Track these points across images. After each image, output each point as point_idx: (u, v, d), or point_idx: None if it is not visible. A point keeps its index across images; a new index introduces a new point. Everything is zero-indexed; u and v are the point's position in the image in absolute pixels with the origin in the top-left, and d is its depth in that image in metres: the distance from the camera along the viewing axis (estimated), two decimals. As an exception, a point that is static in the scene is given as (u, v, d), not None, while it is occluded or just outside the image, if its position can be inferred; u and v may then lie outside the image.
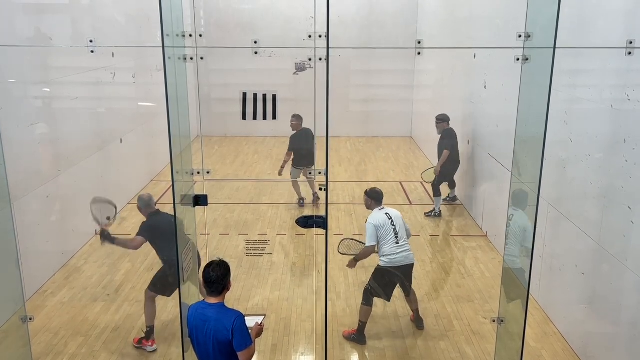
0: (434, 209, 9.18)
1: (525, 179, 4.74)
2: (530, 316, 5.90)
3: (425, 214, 9.11)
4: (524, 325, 4.71)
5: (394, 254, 5.81)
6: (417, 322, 6.13)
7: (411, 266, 5.96)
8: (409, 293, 6.09)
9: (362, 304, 5.88)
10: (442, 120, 9.16)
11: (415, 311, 6.16)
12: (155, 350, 5.65)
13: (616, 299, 5.03)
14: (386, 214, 5.89)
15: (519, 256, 4.92)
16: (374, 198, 6.02)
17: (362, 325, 5.88)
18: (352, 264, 6.03)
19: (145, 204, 5.91)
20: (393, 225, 5.83)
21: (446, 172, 9.22)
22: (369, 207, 6.04)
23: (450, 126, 9.14)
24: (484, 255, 7.82)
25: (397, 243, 5.81)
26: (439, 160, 9.19)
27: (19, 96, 6.67)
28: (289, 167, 9.26)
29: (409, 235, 6.03)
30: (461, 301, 6.67)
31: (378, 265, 5.89)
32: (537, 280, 6.42)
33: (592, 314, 5.50)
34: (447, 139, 9.06)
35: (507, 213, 5.05)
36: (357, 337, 5.88)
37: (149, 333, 5.72)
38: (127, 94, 9.90)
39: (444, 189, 9.38)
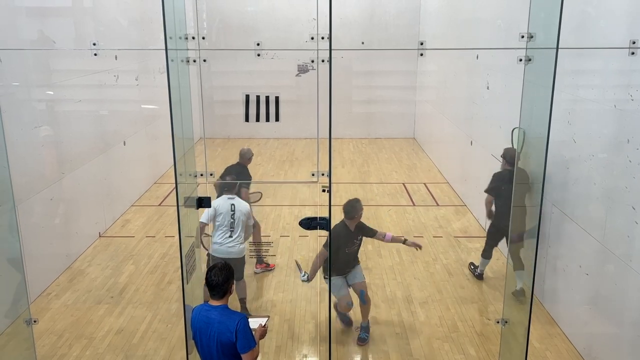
0: (478, 267, 7.29)
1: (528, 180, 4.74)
2: (534, 317, 5.90)
3: (470, 264, 7.44)
4: (528, 326, 4.70)
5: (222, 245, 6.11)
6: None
7: (239, 260, 6.18)
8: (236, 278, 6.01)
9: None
10: (503, 155, 6.87)
11: (241, 301, 6.28)
12: None
13: (620, 299, 5.02)
14: (232, 204, 6.13)
15: None
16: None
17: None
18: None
19: None
20: (232, 217, 6.09)
21: (500, 224, 6.84)
22: None
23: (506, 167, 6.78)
24: (488, 256, 7.80)
25: (230, 236, 6.09)
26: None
27: (23, 99, 6.69)
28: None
29: (249, 234, 6.41)
30: (465, 302, 6.65)
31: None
32: (541, 281, 6.41)
33: (596, 314, 5.48)
34: (499, 179, 6.83)
35: (510, 213, 5.04)
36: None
37: None
38: (130, 96, 9.93)
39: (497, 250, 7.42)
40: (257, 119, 5.29)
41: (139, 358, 5.66)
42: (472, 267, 7.40)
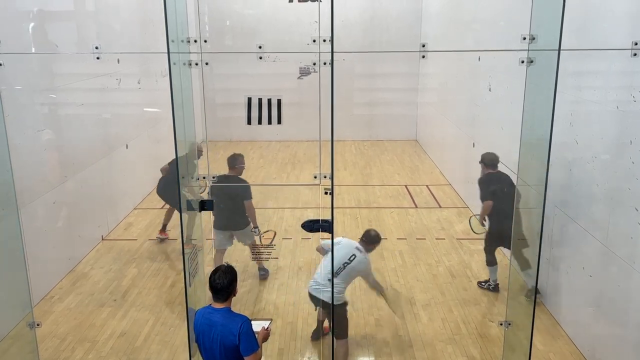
0: (488, 280, 7.10)
1: (531, 181, 4.73)
2: (538, 319, 5.87)
3: (478, 283, 7.15)
4: (532, 328, 4.69)
5: (319, 285, 5.53)
6: None
7: (335, 306, 5.37)
8: (335, 336, 5.40)
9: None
10: (481, 161, 7.07)
11: None
12: None
13: (624, 301, 5.00)
14: (353, 254, 5.58)
15: None
16: (362, 236, 5.77)
17: (318, 323, 5.91)
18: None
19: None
20: (344, 266, 5.51)
21: (498, 230, 6.89)
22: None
23: (494, 170, 6.98)
24: (491, 258, 7.78)
25: (329, 280, 5.36)
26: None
27: (26, 103, 6.71)
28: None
29: (380, 290, 5.92)
30: (468, 304, 6.64)
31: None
32: (544, 282, 6.39)
33: (599, 316, 5.47)
34: (485, 183, 7.01)
35: (513, 215, 5.03)
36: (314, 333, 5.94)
37: None
38: (133, 99, 9.94)
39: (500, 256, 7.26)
40: (259, 122, 5.30)
41: (142, 361, 5.67)
42: (484, 284, 7.03)
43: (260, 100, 5.24)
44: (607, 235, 5.22)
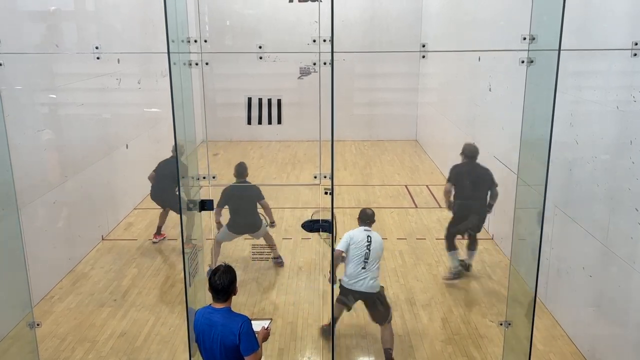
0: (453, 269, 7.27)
1: (531, 181, 4.73)
2: (538, 319, 5.87)
3: (443, 278, 7.25)
4: (532, 329, 4.69)
5: (355, 277, 5.62)
6: None
7: (373, 295, 5.66)
8: (379, 323, 5.70)
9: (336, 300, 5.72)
10: (462, 152, 7.16)
11: (387, 352, 5.58)
12: None
13: (624, 301, 5.00)
14: (368, 236, 5.72)
15: None
16: (361, 218, 5.89)
17: (333, 320, 5.74)
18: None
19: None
20: (368, 248, 5.64)
21: (458, 216, 7.14)
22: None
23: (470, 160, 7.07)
24: (491, 258, 7.79)
25: (363, 268, 5.60)
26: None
27: (26, 103, 6.71)
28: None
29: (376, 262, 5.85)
30: (468, 304, 6.64)
31: (340, 280, 5.74)
32: (544, 282, 6.39)
33: (600, 316, 5.47)
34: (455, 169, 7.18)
35: (512, 216, 5.03)
36: (325, 329, 5.98)
37: None
38: (133, 99, 9.94)
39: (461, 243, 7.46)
40: (260, 122, 5.30)
41: (142, 361, 5.67)
42: (450, 275, 7.14)
43: (260, 100, 5.25)
44: (607, 236, 5.22)
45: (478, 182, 6.93)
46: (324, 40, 4.44)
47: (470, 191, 7.02)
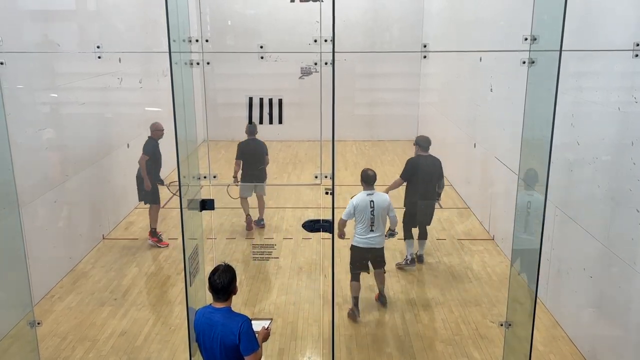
0: (406, 257, 7.53)
1: (531, 182, 4.73)
2: (538, 320, 5.87)
3: (397, 265, 7.50)
4: (532, 329, 4.68)
5: (364, 236, 6.27)
6: (381, 299, 6.60)
7: (381, 249, 6.43)
8: (379, 268, 6.52)
9: (350, 280, 6.39)
10: (415, 143, 7.63)
11: (380, 289, 6.62)
12: None
13: (625, 302, 5.00)
14: (371, 201, 6.25)
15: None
16: (363, 180, 6.40)
17: (354, 299, 6.35)
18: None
19: None
20: (372, 214, 6.21)
21: (412, 210, 7.42)
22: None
23: (425, 153, 7.49)
24: (491, 258, 7.79)
25: (371, 230, 6.25)
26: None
27: (27, 102, 6.72)
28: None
29: (394, 224, 6.59)
30: (468, 305, 6.64)
31: (352, 243, 6.39)
32: (544, 283, 6.39)
33: (600, 317, 5.47)
34: (410, 164, 7.53)
35: (513, 216, 5.02)
36: (353, 312, 6.33)
37: None
38: (134, 99, 9.95)
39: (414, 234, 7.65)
40: (261, 122, 5.30)
41: (142, 360, 5.67)
42: (402, 262, 7.49)
43: (261, 100, 5.25)
44: (607, 236, 5.22)
45: (433, 172, 7.41)
46: (325, 40, 4.44)
47: (423, 183, 7.45)
